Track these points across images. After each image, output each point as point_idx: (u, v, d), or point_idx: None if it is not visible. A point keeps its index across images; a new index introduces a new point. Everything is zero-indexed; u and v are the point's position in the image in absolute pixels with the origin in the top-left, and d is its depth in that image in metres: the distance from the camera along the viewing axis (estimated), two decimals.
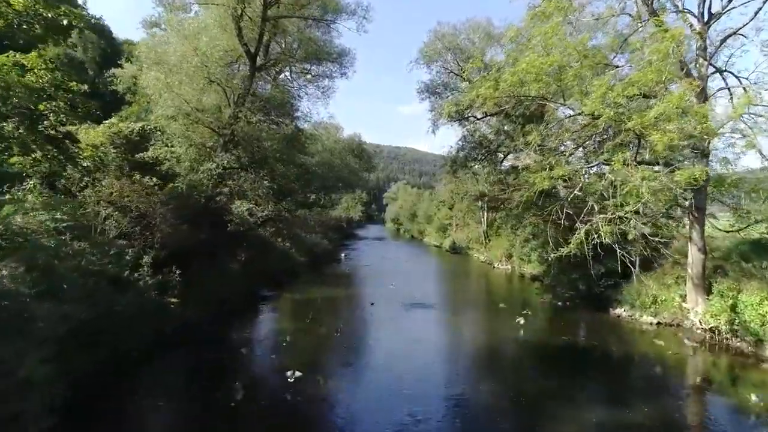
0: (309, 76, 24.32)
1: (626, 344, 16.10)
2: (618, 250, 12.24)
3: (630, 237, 12.51)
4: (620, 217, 12.28)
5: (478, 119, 27.07)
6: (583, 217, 13.35)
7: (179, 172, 19.00)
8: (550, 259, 14.58)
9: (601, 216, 12.12)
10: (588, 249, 11.74)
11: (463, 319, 19.77)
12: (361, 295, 23.90)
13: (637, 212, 10.81)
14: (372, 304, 19.44)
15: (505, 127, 26.10)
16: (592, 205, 12.57)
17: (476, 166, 37.59)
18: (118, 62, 21.08)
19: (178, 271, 16.33)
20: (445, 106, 16.02)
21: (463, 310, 21.10)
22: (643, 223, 11.92)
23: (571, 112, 16.55)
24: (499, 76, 14.23)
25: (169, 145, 18.08)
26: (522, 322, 16.82)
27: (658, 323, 17.95)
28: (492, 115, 26.52)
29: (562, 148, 20.62)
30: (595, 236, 11.82)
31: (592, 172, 14.15)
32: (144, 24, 24.07)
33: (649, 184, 10.33)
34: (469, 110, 26.03)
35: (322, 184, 28.92)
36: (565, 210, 12.85)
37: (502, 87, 13.66)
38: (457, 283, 26.67)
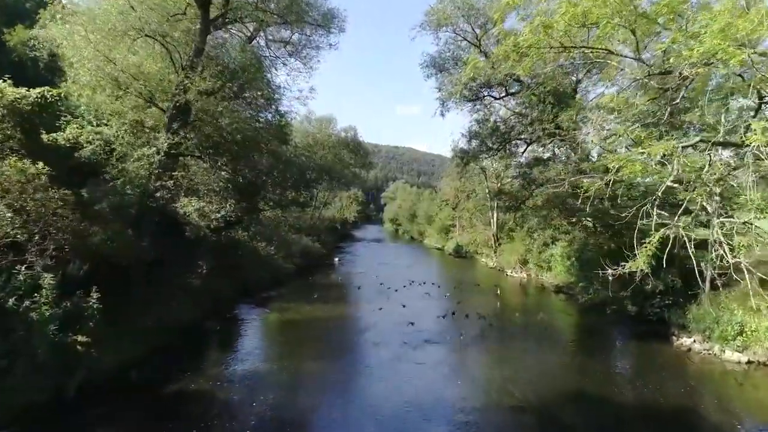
0: (289, 47, 19.62)
1: (714, 395, 11.71)
2: (745, 267, 7.68)
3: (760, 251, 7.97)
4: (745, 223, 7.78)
5: (495, 99, 22.44)
6: (675, 220, 8.79)
7: (119, 158, 14.42)
8: (609, 277, 9.94)
9: (724, 219, 7.61)
10: (711, 271, 7.21)
11: (491, 358, 14.91)
12: (354, 317, 19.46)
13: None
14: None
15: (526, 109, 21.51)
16: (702, 204, 8.05)
17: (486, 161, 33.06)
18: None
19: (95, 295, 11.74)
20: (470, 63, 11.46)
21: (488, 343, 16.28)
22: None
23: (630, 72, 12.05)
24: (549, 19, 9.66)
25: (94, 123, 13.50)
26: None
27: (749, 362, 13.49)
28: (512, 94, 22.02)
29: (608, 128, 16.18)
30: (720, 249, 7.29)
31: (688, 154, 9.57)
32: None
33: None
34: (486, 88, 21.54)
35: (303, 178, 23.96)
36: (656, 209, 8.34)
37: (555, 28, 9.17)
38: (470, 298, 22.17)
